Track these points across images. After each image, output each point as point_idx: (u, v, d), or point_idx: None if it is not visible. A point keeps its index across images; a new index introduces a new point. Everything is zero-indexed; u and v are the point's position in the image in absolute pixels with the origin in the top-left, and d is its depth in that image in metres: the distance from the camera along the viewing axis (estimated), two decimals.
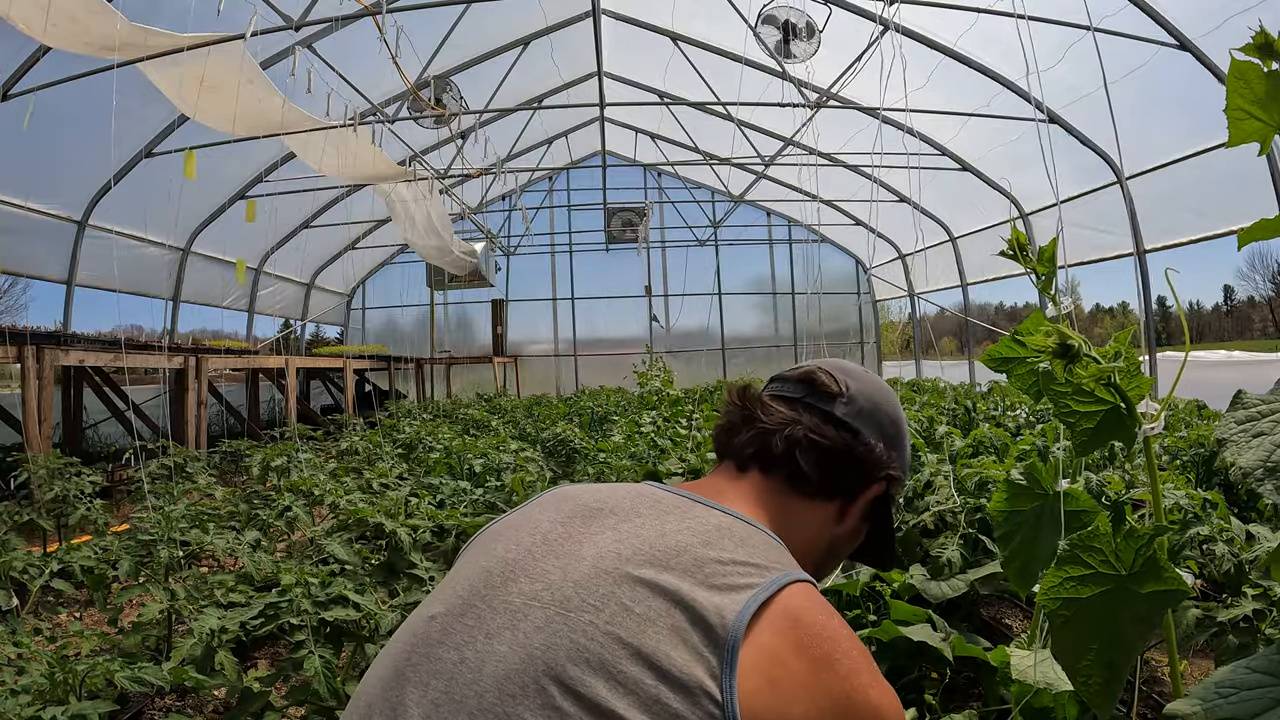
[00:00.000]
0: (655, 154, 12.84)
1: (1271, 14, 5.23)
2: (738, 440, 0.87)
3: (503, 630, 0.64)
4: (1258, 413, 0.85)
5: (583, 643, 0.61)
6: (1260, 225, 0.87)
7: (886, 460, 0.88)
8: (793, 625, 0.64)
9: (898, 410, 0.93)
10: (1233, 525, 2.42)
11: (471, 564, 0.75)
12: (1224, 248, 8.79)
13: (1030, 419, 5.90)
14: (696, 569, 0.67)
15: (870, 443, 0.87)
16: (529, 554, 0.71)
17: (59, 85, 5.96)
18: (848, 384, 0.89)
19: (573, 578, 0.67)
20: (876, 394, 0.91)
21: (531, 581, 0.68)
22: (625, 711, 0.57)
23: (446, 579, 0.77)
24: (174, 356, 6.78)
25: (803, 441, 0.84)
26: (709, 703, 0.58)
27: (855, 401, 0.88)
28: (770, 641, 0.63)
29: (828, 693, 0.63)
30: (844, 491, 0.87)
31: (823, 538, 0.88)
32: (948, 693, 2.42)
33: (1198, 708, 0.75)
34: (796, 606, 0.66)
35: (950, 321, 15.61)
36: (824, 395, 0.88)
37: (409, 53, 6.32)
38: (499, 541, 0.76)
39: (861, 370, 0.94)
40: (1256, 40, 0.82)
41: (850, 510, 0.88)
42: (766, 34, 6.79)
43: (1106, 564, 0.94)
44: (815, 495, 0.85)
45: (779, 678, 0.62)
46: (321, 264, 13.35)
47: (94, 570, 2.88)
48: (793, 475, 0.84)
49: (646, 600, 0.64)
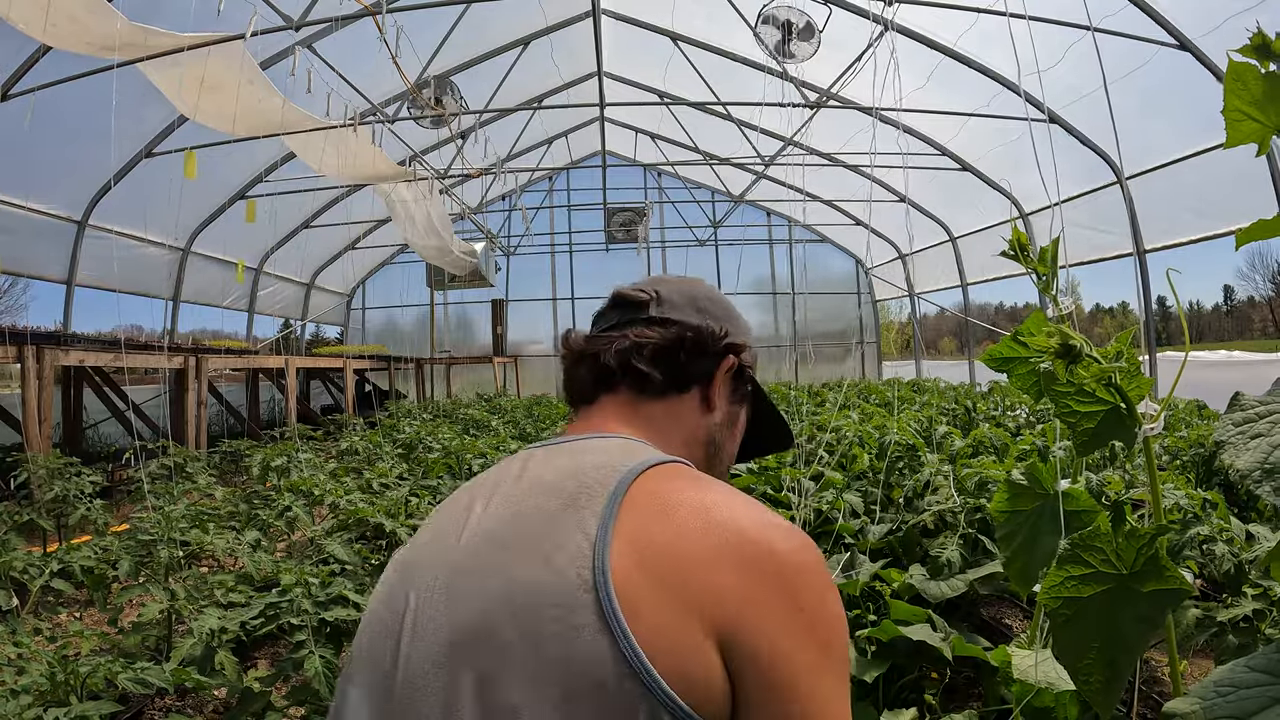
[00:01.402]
0: (655, 154, 12.84)
1: (1271, 14, 5.23)
2: (579, 381, 0.87)
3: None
4: (1255, 414, 0.85)
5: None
6: (1259, 225, 0.87)
7: (720, 333, 0.88)
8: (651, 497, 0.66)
9: (716, 293, 0.94)
10: (1232, 525, 2.42)
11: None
12: (1224, 248, 8.82)
13: (1030, 419, 5.91)
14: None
15: (695, 323, 0.87)
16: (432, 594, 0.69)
17: (59, 85, 5.96)
18: (655, 289, 0.89)
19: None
20: (687, 287, 0.92)
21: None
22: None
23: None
24: (174, 356, 6.78)
25: (631, 349, 0.84)
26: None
27: (667, 300, 0.88)
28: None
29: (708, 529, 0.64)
30: (693, 376, 0.86)
31: (699, 431, 0.87)
32: (948, 693, 2.42)
33: (1197, 707, 0.75)
34: (651, 488, 0.67)
35: (950, 321, 15.61)
36: (636, 306, 0.88)
37: (409, 53, 6.32)
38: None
39: (672, 276, 0.95)
40: (1254, 41, 0.82)
41: (712, 393, 0.88)
42: (766, 34, 6.79)
43: (1108, 563, 0.95)
44: (667, 390, 0.85)
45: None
46: (321, 264, 13.35)
47: (94, 570, 2.88)
48: (637, 381, 0.84)
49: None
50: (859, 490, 3.74)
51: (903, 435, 3.86)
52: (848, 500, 3.49)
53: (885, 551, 3.28)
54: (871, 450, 4.11)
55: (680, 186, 14.99)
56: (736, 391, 0.92)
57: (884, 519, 3.44)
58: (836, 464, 3.98)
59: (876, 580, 2.72)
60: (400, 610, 0.68)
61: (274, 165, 9.26)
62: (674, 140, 12.33)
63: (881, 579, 2.72)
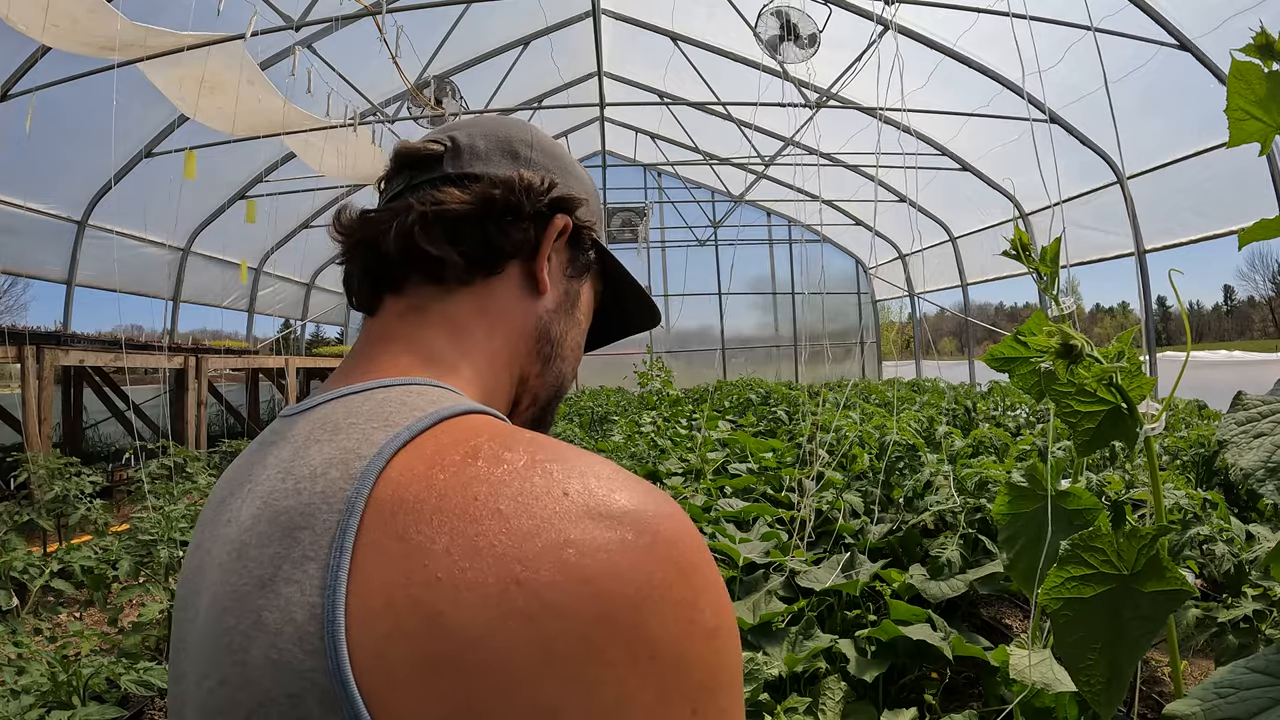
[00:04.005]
0: (655, 154, 12.85)
1: (1271, 14, 5.24)
2: (355, 284, 0.63)
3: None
4: (1258, 414, 0.85)
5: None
6: (1260, 225, 0.87)
7: (542, 184, 0.63)
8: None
9: (541, 134, 0.69)
10: (1233, 525, 2.42)
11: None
12: (1224, 248, 8.82)
13: (1030, 419, 5.91)
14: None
15: (505, 175, 0.62)
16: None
17: (59, 85, 5.96)
18: (452, 137, 0.64)
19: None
20: (500, 128, 0.67)
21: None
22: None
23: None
24: (174, 356, 6.79)
25: (416, 224, 0.58)
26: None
27: (468, 148, 0.63)
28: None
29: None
30: (509, 249, 0.61)
31: (526, 324, 0.63)
32: (948, 693, 2.42)
33: (1197, 708, 0.75)
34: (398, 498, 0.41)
35: (950, 321, 15.62)
36: (426, 162, 0.63)
37: (409, 53, 6.33)
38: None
39: (478, 116, 0.71)
40: (1257, 41, 0.82)
41: (539, 268, 0.63)
42: (766, 34, 6.79)
43: (1108, 564, 0.94)
44: (472, 275, 0.60)
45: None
46: (321, 264, 13.35)
47: (94, 570, 2.88)
48: (429, 271, 0.59)
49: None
50: (859, 490, 3.74)
51: (903, 435, 3.86)
52: (848, 500, 3.49)
53: (885, 551, 3.28)
54: (872, 450, 4.11)
55: (680, 186, 15.00)
56: (576, 262, 0.68)
57: (884, 519, 3.45)
58: (837, 464, 3.98)
59: (876, 580, 2.73)
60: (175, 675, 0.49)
61: (274, 165, 9.27)
62: (674, 140, 12.34)
63: (881, 579, 2.72)
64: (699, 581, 0.41)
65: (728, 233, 15.29)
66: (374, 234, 0.60)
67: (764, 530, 3.14)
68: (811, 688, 2.16)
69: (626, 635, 0.37)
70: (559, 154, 0.69)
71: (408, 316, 0.59)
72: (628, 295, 0.75)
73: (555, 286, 0.65)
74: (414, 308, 0.60)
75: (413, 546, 0.38)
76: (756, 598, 2.59)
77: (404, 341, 0.58)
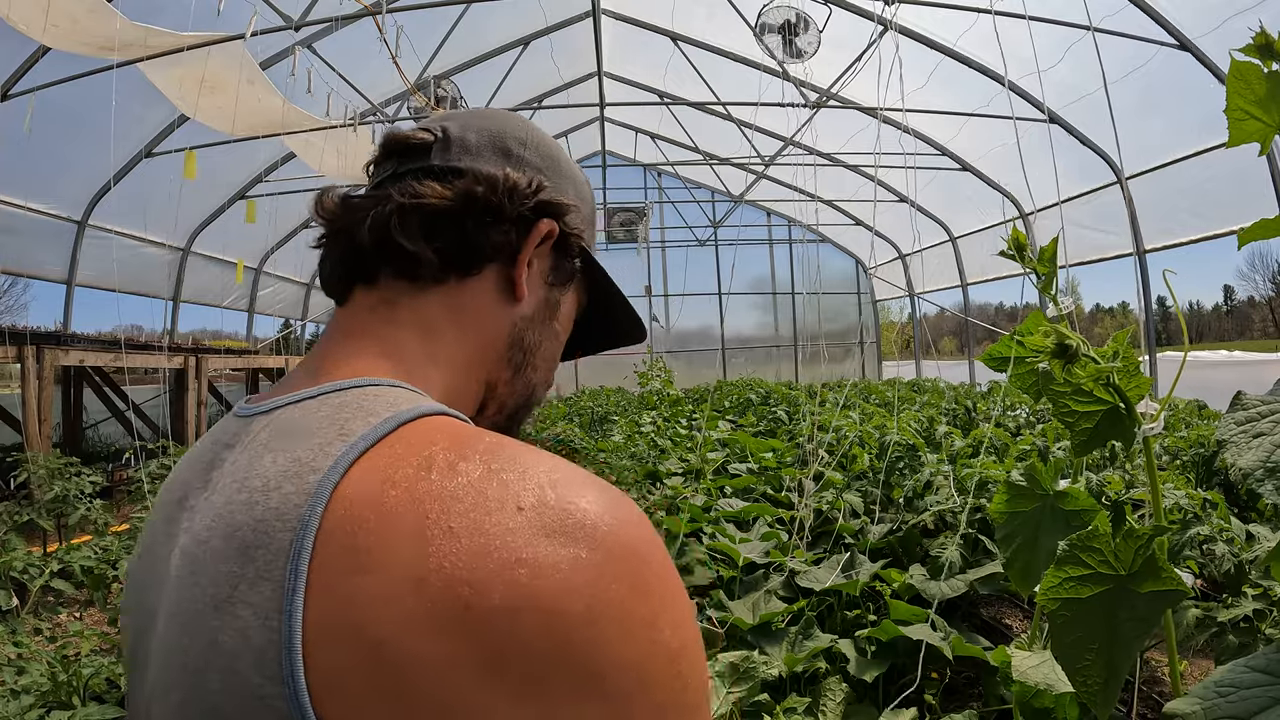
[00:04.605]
0: (655, 154, 12.85)
1: (1271, 14, 5.24)
2: (328, 264, 0.60)
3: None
4: (1257, 413, 0.85)
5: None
6: (1260, 225, 0.87)
7: (529, 186, 0.60)
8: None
9: (538, 132, 0.65)
10: (1233, 525, 2.43)
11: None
12: (1224, 248, 8.82)
13: (1030, 419, 5.91)
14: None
15: (490, 173, 0.58)
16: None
17: (59, 85, 5.97)
18: (444, 127, 0.61)
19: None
20: (494, 122, 0.63)
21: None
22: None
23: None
24: (174, 356, 6.79)
25: (393, 215, 0.56)
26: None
27: (458, 140, 0.60)
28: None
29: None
30: (486, 250, 0.59)
31: (499, 330, 0.60)
32: (948, 693, 2.42)
33: (1197, 707, 0.75)
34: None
35: (950, 321, 15.62)
36: (413, 151, 0.60)
37: (409, 53, 6.32)
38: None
39: (478, 109, 0.68)
40: (1257, 41, 0.82)
41: (518, 273, 0.60)
42: (767, 34, 6.79)
43: (1106, 564, 0.94)
44: (449, 272, 0.58)
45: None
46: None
47: (94, 570, 2.88)
48: (402, 265, 0.57)
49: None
50: (859, 490, 3.74)
51: (903, 435, 3.86)
52: (848, 500, 3.49)
53: (885, 551, 3.28)
54: (872, 450, 4.11)
55: (680, 186, 15.00)
56: (559, 270, 0.64)
57: (884, 519, 3.45)
58: (837, 464, 3.98)
59: (877, 580, 2.73)
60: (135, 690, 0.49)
61: (274, 165, 9.27)
62: (674, 140, 12.34)
63: (882, 579, 2.72)
64: (658, 599, 0.40)
65: (728, 233, 15.29)
66: (351, 222, 0.57)
67: (764, 530, 3.15)
68: (811, 688, 2.16)
69: (581, 660, 0.36)
70: (555, 155, 0.65)
71: (378, 310, 0.57)
72: (615, 307, 0.72)
73: (534, 293, 0.62)
74: (384, 301, 0.57)
75: (365, 569, 0.37)
76: (756, 597, 2.59)
77: (370, 338, 0.56)
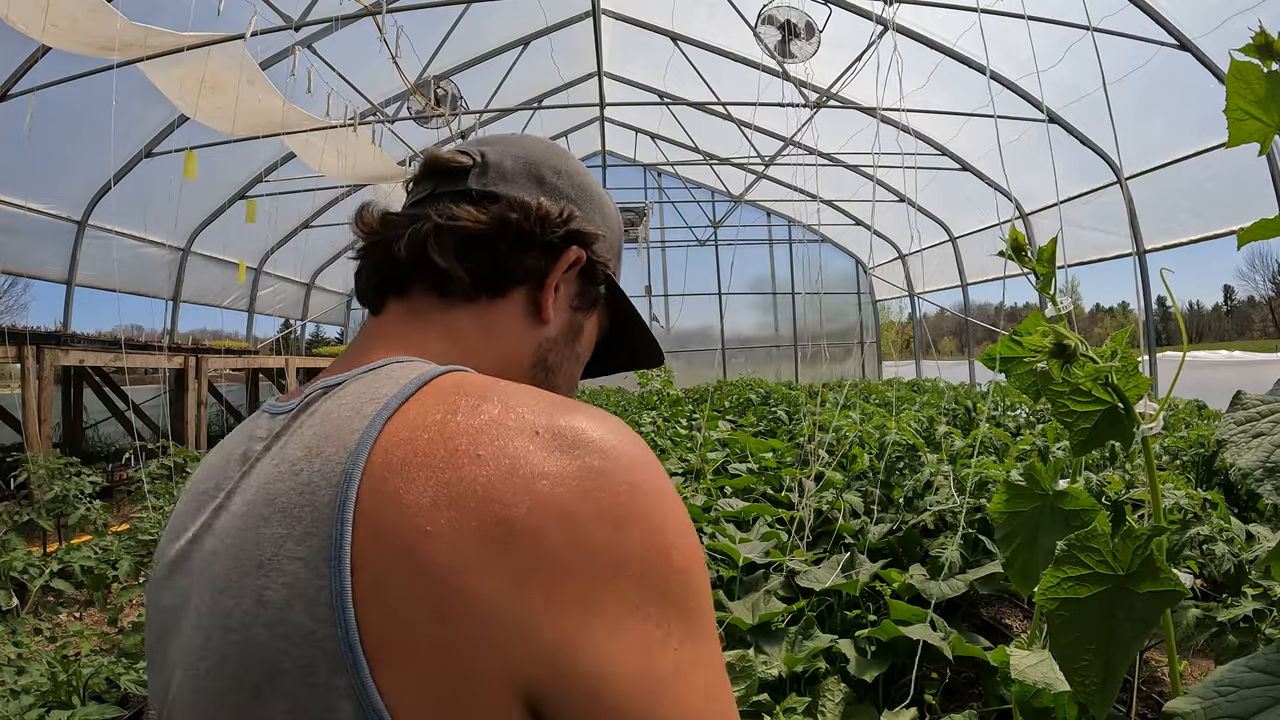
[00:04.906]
0: (655, 154, 12.85)
1: (1271, 14, 5.24)
2: (364, 280, 0.64)
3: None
4: (1257, 413, 0.85)
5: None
6: (1260, 225, 0.87)
7: (560, 215, 0.63)
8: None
9: (573, 162, 0.69)
10: (1233, 525, 2.42)
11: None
12: (1224, 248, 8.83)
13: (1030, 419, 5.91)
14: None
15: (524, 200, 0.62)
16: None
17: (59, 85, 5.96)
18: (483, 152, 0.64)
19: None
20: (531, 151, 0.67)
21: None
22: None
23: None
24: (174, 356, 6.79)
25: (430, 235, 0.59)
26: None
27: (495, 166, 0.64)
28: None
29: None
30: (516, 275, 0.62)
31: (523, 350, 0.64)
32: (948, 693, 2.42)
33: (1197, 706, 0.75)
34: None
35: (950, 321, 15.62)
36: (452, 174, 0.64)
37: (409, 53, 6.32)
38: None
39: (515, 135, 0.71)
40: (1256, 41, 0.82)
41: (545, 298, 0.64)
42: (766, 34, 6.79)
43: (1104, 564, 0.94)
44: (477, 293, 0.61)
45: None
46: (321, 264, 13.35)
47: (94, 570, 2.88)
48: (434, 281, 0.60)
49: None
50: (859, 490, 3.74)
51: (903, 435, 3.86)
52: (848, 500, 3.49)
53: (885, 551, 3.28)
54: (872, 450, 4.11)
55: (680, 186, 15.00)
56: (584, 295, 0.68)
57: (884, 519, 3.44)
58: (837, 464, 3.98)
59: (876, 580, 2.73)
60: (162, 688, 0.51)
61: (274, 165, 9.27)
62: (674, 140, 12.34)
63: (881, 579, 2.72)
64: (663, 503, 0.45)
65: (728, 233, 15.29)
66: (389, 237, 0.61)
67: (764, 530, 3.14)
68: (811, 688, 2.16)
69: (598, 551, 0.41)
70: (586, 185, 0.69)
71: (409, 319, 0.61)
72: (634, 331, 0.75)
73: (559, 316, 0.66)
74: (415, 312, 0.61)
75: (405, 505, 0.41)
76: (756, 598, 2.59)
77: (400, 340, 0.59)
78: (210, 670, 0.44)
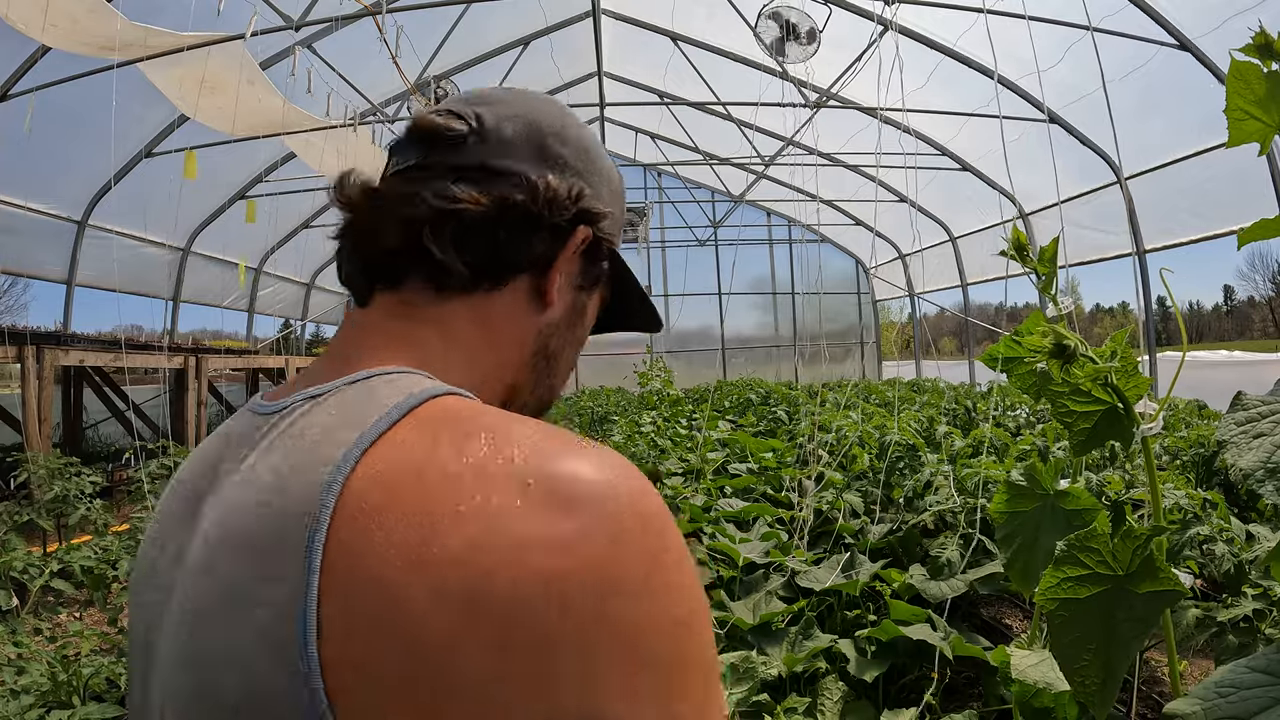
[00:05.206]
0: (655, 154, 12.84)
1: (1271, 14, 5.24)
2: (350, 265, 0.59)
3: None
4: (1258, 414, 0.85)
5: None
6: (1260, 225, 0.87)
7: (570, 195, 0.57)
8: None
9: (571, 122, 0.62)
10: (1233, 525, 2.42)
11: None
12: (1224, 248, 8.83)
13: (1030, 419, 5.91)
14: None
15: (533, 179, 0.56)
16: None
17: (59, 85, 5.97)
18: (478, 114, 0.57)
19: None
20: (531, 111, 0.59)
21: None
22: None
23: None
24: (174, 356, 6.79)
25: (427, 222, 0.54)
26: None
27: (494, 132, 0.57)
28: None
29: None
30: (523, 261, 0.57)
31: (524, 338, 0.59)
32: (948, 693, 2.42)
33: (1197, 707, 0.75)
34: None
35: (950, 321, 15.63)
36: (445, 143, 0.56)
37: (409, 53, 6.33)
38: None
39: (511, 92, 0.62)
40: (1256, 41, 0.82)
41: (550, 283, 0.58)
42: (767, 34, 6.79)
43: (1104, 564, 0.94)
44: (475, 285, 0.56)
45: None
46: (321, 264, 13.35)
47: (94, 570, 2.88)
48: (432, 272, 0.55)
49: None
50: (859, 490, 3.74)
51: (903, 435, 3.86)
52: (848, 500, 3.49)
53: (885, 551, 3.28)
54: (872, 450, 4.11)
55: (680, 186, 15.00)
56: (588, 273, 0.62)
57: (884, 519, 3.45)
58: (837, 464, 3.98)
59: (877, 580, 2.73)
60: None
61: (274, 165, 9.27)
62: (674, 140, 12.33)
63: (882, 579, 2.72)
64: (665, 566, 0.40)
65: (728, 233, 15.29)
66: (377, 221, 0.55)
67: (764, 530, 3.14)
68: (811, 688, 2.16)
69: (592, 626, 0.37)
70: (589, 149, 0.62)
71: (400, 311, 0.56)
72: (632, 296, 0.70)
73: (562, 299, 0.61)
74: (407, 304, 0.56)
75: (378, 556, 0.37)
76: (756, 598, 2.59)
77: (389, 336, 0.54)
78: (187, 707, 0.42)
